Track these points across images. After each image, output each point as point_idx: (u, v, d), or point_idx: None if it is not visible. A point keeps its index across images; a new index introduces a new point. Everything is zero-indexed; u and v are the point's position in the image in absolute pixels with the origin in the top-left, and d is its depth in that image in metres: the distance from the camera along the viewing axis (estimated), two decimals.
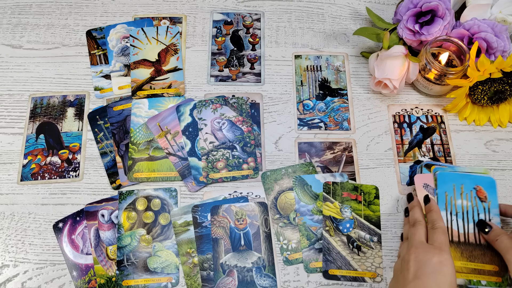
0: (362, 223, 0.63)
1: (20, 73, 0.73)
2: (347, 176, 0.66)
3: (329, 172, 0.66)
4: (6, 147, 0.68)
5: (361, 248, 0.61)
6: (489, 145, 0.69)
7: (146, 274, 0.60)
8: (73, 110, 0.71)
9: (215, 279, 0.59)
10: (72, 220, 0.63)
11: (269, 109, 0.71)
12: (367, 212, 0.63)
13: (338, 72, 0.74)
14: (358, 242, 0.61)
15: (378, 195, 0.64)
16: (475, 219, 0.59)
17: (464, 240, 0.58)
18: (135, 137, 0.68)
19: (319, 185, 0.65)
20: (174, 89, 0.72)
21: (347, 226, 0.62)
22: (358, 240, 0.61)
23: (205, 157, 0.66)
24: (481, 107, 0.70)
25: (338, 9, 0.80)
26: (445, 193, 0.60)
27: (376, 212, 0.63)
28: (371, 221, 0.63)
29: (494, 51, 0.67)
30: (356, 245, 0.61)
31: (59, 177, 0.66)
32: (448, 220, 0.58)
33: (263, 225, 0.63)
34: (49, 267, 0.61)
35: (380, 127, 0.70)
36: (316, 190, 0.64)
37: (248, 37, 0.77)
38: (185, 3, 0.80)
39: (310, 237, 0.62)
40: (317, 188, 0.65)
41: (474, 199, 0.59)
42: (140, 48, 0.74)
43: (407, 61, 0.68)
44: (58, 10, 0.79)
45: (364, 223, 0.63)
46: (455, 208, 0.59)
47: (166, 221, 0.63)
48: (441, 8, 0.67)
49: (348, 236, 0.62)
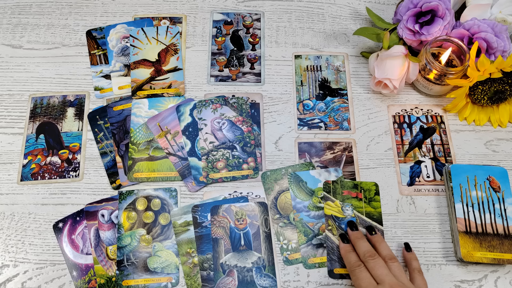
0: (364, 220, 0.63)
1: (20, 73, 0.73)
2: (341, 171, 0.66)
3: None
4: (6, 147, 0.68)
5: None
6: (489, 145, 0.69)
7: (146, 274, 0.60)
8: (73, 110, 0.71)
9: (215, 279, 0.59)
10: (72, 220, 0.63)
11: (269, 109, 0.71)
12: (368, 209, 0.63)
13: (338, 72, 0.74)
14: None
15: (378, 191, 0.65)
16: (490, 210, 0.60)
17: (482, 230, 0.59)
18: (135, 137, 0.68)
19: (314, 181, 0.65)
20: (174, 89, 0.72)
21: None
22: None
23: (205, 157, 0.66)
24: (481, 107, 0.70)
25: (338, 9, 0.80)
26: (459, 185, 0.61)
27: (377, 208, 0.64)
28: (373, 218, 0.63)
29: (494, 51, 0.67)
30: None
31: (59, 177, 0.66)
32: (465, 211, 0.60)
33: (263, 225, 0.63)
34: (49, 267, 0.61)
35: (380, 127, 0.70)
36: (311, 186, 0.64)
37: (248, 37, 0.77)
38: (185, 3, 0.80)
39: (307, 233, 0.62)
40: (312, 184, 0.65)
41: (488, 190, 0.60)
42: (140, 48, 0.74)
43: (407, 61, 0.68)
44: (58, 10, 0.79)
45: (366, 220, 0.63)
46: (470, 199, 0.60)
47: (166, 221, 0.63)
48: (441, 8, 0.67)
49: None
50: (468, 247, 0.59)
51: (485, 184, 0.61)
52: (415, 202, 0.65)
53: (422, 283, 0.55)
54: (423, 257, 0.62)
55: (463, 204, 0.60)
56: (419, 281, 0.55)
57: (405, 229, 0.63)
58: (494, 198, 0.61)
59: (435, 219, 0.64)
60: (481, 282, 0.60)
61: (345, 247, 0.58)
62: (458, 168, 0.63)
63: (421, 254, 0.62)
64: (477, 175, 0.62)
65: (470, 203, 0.60)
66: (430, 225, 0.64)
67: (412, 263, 0.58)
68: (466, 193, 0.61)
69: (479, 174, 0.62)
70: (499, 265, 0.61)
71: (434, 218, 0.64)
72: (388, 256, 0.55)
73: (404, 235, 0.63)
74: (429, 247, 0.62)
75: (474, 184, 0.61)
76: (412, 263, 0.58)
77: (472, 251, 0.58)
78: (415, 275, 0.56)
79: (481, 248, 0.58)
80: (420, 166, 0.67)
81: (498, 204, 0.60)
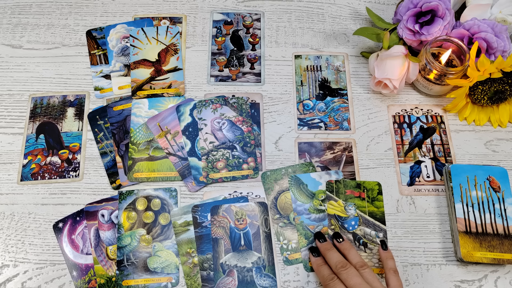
0: (367, 220, 0.63)
1: (20, 73, 0.73)
2: (342, 174, 0.66)
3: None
4: (6, 147, 0.68)
5: (367, 245, 0.61)
6: (489, 145, 0.69)
7: (146, 274, 0.60)
8: (73, 110, 0.71)
9: (215, 279, 0.59)
10: (72, 220, 0.63)
11: (269, 109, 0.71)
12: (371, 208, 0.63)
13: (338, 72, 0.74)
14: (364, 239, 0.61)
15: (381, 191, 0.65)
16: (490, 210, 0.60)
17: (482, 230, 0.59)
18: (135, 137, 0.68)
19: (314, 183, 0.65)
20: (174, 89, 0.72)
21: (352, 223, 0.62)
22: (364, 237, 0.62)
23: (205, 157, 0.66)
24: (481, 107, 0.70)
25: (338, 9, 0.80)
26: (459, 185, 0.61)
27: (380, 208, 0.64)
28: (376, 217, 0.63)
29: (494, 51, 0.67)
30: (362, 242, 0.61)
31: (59, 177, 0.66)
32: (465, 211, 0.60)
33: (263, 225, 0.63)
34: (49, 267, 0.61)
35: (380, 127, 0.70)
36: (312, 188, 0.64)
37: (248, 37, 0.77)
38: (185, 3, 0.80)
39: (308, 236, 0.62)
40: (313, 186, 0.65)
41: (488, 190, 0.61)
42: (140, 48, 0.74)
43: (407, 61, 0.68)
44: (58, 10, 0.79)
45: (369, 219, 0.63)
46: (470, 199, 0.60)
47: (166, 221, 0.63)
48: (441, 8, 0.67)
49: (354, 233, 0.62)
50: (468, 247, 0.59)
51: (485, 184, 0.61)
52: (415, 202, 0.65)
53: (397, 284, 0.54)
54: (423, 257, 0.62)
55: (463, 204, 0.60)
56: (394, 282, 0.54)
57: (405, 229, 0.63)
58: (494, 198, 0.61)
59: (435, 219, 0.64)
60: (481, 282, 0.60)
61: (316, 261, 0.58)
62: (458, 168, 0.63)
63: (421, 254, 0.62)
64: (477, 175, 0.62)
65: (470, 203, 0.60)
66: (430, 225, 0.64)
67: (388, 262, 0.57)
68: (466, 193, 0.61)
69: (479, 174, 0.62)
70: (499, 265, 0.61)
71: (434, 218, 0.64)
72: (358, 264, 0.55)
73: (404, 235, 0.63)
74: (429, 247, 0.62)
75: (474, 184, 0.61)
76: (388, 262, 0.57)
77: (472, 251, 0.58)
78: (390, 275, 0.55)
79: (481, 248, 0.58)
80: (420, 166, 0.67)
81: (498, 204, 0.60)
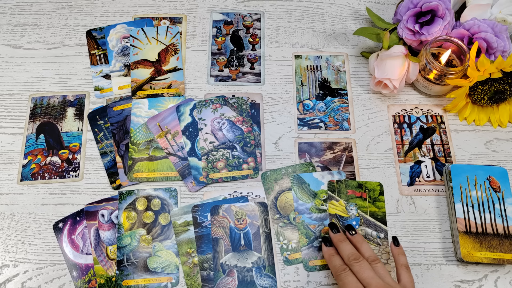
0: (368, 220, 0.63)
1: (20, 73, 0.73)
2: (344, 174, 0.66)
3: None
4: (6, 147, 0.68)
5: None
6: (489, 145, 0.69)
7: (146, 274, 0.60)
8: (73, 110, 0.71)
9: (215, 279, 0.59)
10: (72, 220, 0.63)
11: (269, 109, 0.71)
12: (373, 208, 0.63)
13: (338, 72, 0.74)
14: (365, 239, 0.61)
15: (382, 191, 0.65)
16: (490, 210, 0.60)
17: (482, 230, 0.59)
18: (135, 137, 0.68)
19: (317, 183, 0.65)
20: (174, 89, 0.72)
21: (353, 223, 0.62)
22: (365, 237, 0.61)
23: (205, 157, 0.66)
24: (481, 107, 0.70)
25: (338, 9, 0.80)
26: (459, 185, 0.61)
27: (382, 208, 0.64)
28: (377, 218, 0.63)
29: (494, 51, 0.67)
30: None
31: (59, 177, 0.66)
32: (465, 211, 0.60)
33: (263, 225, 0.63)
34: (49, 267, 0.61)
35: (380, 127, 0.70)
36: (314, 188, 0.64)
37: (248, 37, 0.77)
38: (185, 3, 0.80)
39: (309, 235, 0.62)
40: (315, 186, 0.65)
41: (488, 190, 0.61)
42: (140, 48, 0.74)
43: (407, 61, 0.68)
44: (58, 10, 0.79)
45: (370, 220, 0.63)
46: (470, 199, 0.60)
47: (166, 221, 0.63)
48: (441, 8, 0.67)
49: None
50: (468, 247, 0.59)
51: (485, 184, 0.61)
52: (415, 202, 0.65)
53: (409, 280, 0.54)
54: (423, 257, 0.62)
55: (463, 204, 0.60)
56: (406, 278, 0.54)
57: (405, 229, 0.63)
58: (494, 198, 0.61)
59: (435, 219, 0.64)
60: (481, 282, 0.60)
61: (328, 250, 0.57)
62: (458, 168, 0.63)
63: (421, 254, 0.62)
64: (477, 175, 0.62)
65: (470, 203, 0.60)
66: (430, 225, 0.64)
67: (400, 258, 0.57)
68: (466, 193, 0.61)
69: (479, 174, 0.62)
70: (499, 265, 0.61)
71: (434, 218, 0.64)
72: (371, 258, 0.55)
73: (404, 235, 0.63)
74: (429, 247, 0.62)
75: (474, 184, 0.61)
76: (400, 258, 0.57)
77: (472, 251, 0.58)
78: (402, 271, 0.55)
79: (481, 248, 0.58)
80: (420, 166, 0.67)
81: (498, 204, 0.60)
